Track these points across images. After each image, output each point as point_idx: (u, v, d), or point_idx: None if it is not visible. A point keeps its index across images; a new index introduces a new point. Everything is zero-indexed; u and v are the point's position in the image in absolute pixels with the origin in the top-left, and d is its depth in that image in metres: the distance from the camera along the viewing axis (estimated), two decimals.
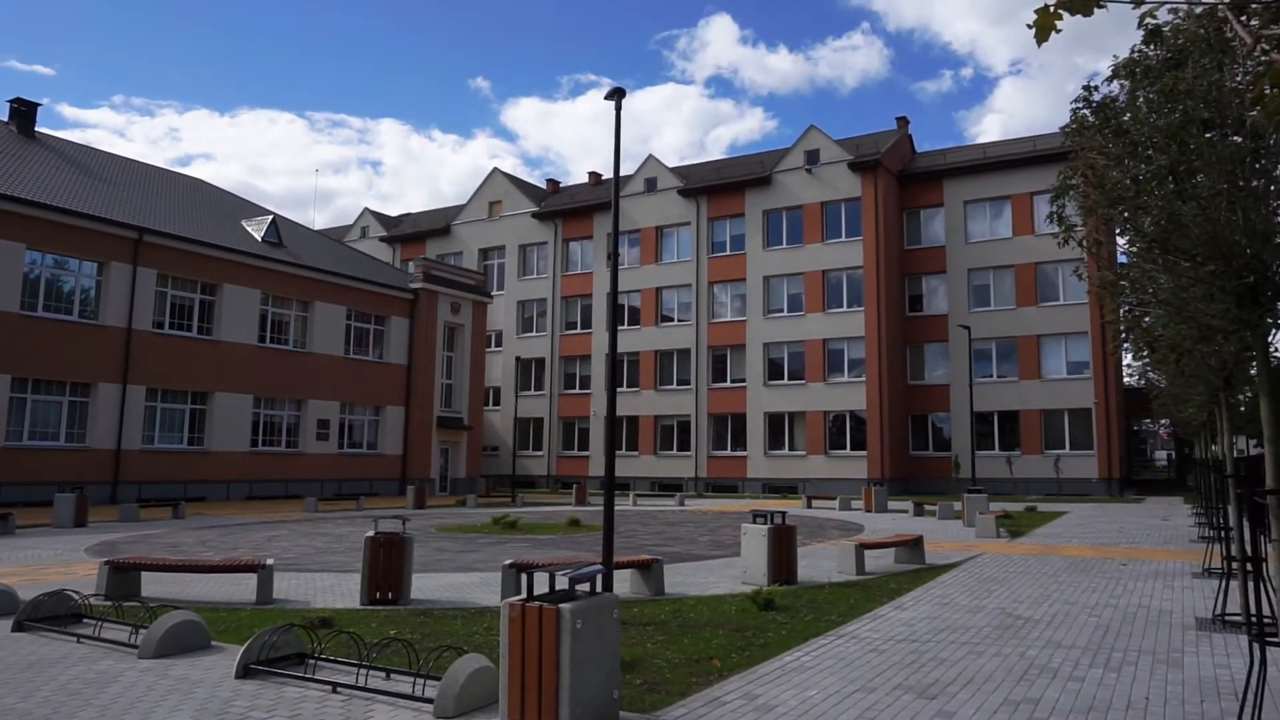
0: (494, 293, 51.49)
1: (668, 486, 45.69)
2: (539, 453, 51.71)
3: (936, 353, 44.34)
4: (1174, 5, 3.20)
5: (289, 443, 37.35)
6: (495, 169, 57.15)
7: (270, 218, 39.14)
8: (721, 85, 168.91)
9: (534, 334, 53.25)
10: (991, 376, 42.31)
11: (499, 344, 53.37)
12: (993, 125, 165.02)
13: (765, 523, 12.21)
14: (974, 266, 43.55)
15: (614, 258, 9.85)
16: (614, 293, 10.09)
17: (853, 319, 43.12)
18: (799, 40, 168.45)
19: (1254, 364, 7.45)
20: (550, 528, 22.86)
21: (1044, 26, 1.85)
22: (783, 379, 44.98)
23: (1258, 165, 5.41)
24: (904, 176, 45.59)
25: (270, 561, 10.71)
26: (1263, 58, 1.87)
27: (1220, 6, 1.89)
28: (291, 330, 37.80)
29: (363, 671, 6.48)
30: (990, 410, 41.74)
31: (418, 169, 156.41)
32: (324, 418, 38.44)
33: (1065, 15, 1.88)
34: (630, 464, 47.31)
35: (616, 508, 29.87)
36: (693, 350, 47.49)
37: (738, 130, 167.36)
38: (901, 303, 45.02)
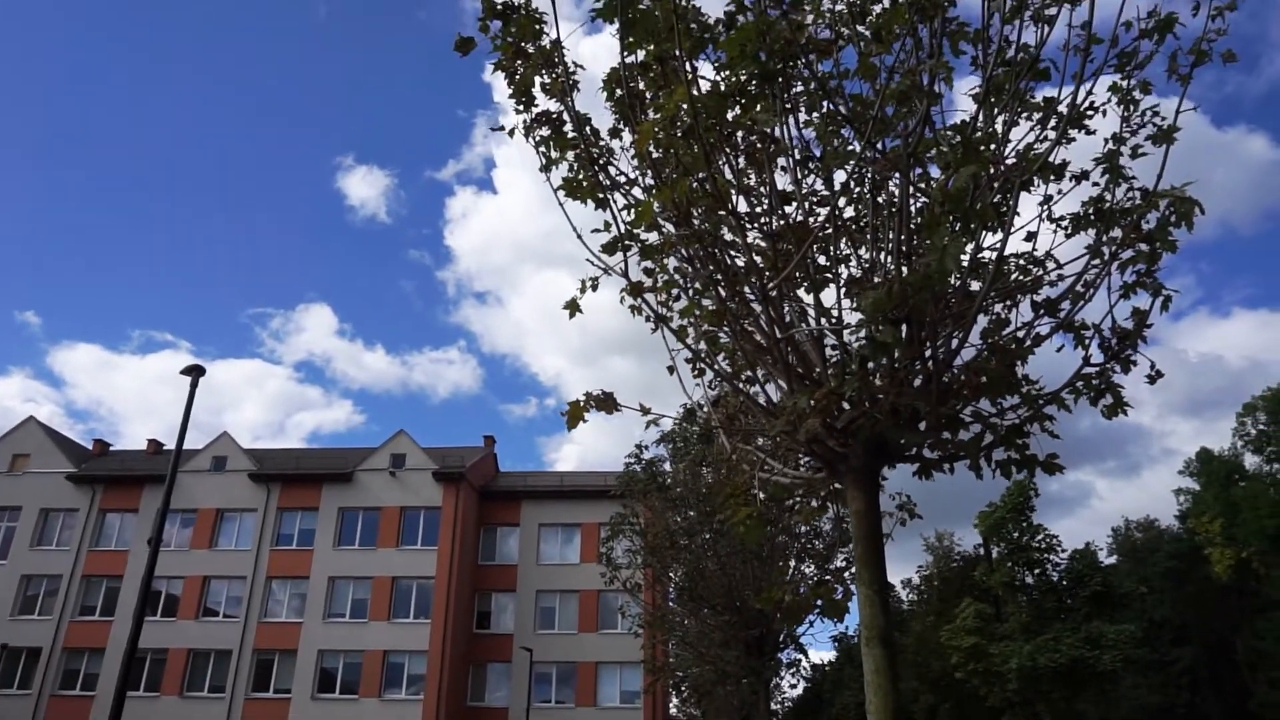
0: None
1: None
2: None
3: (499, 673, 43.72)
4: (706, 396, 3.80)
5: None
6: (31, 417, 49.47)
7: None
8: (312, 371, 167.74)
9: (35, 617, 43.90)
10: (550, 701, 42.31)
11: None
12: (571, 454, 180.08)
13: None
14: (542, 588, 44.89)
15: (155, 543, 8.82)
16: (148, 578, 8.91)
17: (418, 631, 41.55)
18: (397, 344, 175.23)
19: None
20: None
21: (574, 416, 2.22)
22: (334, 692, 41.07)
23: (765, 532, 6.45)
24: (486, 492, 47.15)
25: None
26: (739, 466, 2.35)
27: (712, 422, 2.39)
28: None
29: None
30: None
31: None
32: None
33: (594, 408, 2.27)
34: None
35: None
36: (235, 651, 42.06)
37: (323, 418, 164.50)
38: (470, 618, 44.53)
